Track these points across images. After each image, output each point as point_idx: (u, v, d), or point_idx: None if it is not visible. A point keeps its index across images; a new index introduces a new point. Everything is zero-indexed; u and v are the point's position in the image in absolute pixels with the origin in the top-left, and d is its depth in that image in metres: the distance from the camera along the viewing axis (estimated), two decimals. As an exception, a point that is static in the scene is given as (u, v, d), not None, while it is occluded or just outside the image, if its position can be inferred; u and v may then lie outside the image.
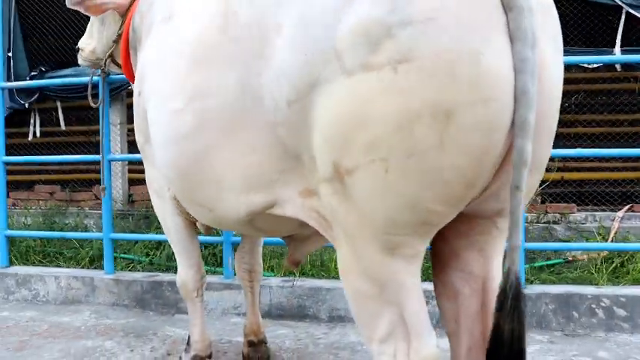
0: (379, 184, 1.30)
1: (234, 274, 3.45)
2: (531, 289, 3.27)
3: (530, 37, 1.21)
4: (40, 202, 6.68)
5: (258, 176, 1.64)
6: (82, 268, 4.40)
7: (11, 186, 5.68)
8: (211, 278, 3.67)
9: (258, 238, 2.84)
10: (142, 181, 7.01)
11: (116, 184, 6.14)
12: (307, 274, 3.89)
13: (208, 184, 1.83)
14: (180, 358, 2.72)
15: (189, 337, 2.66)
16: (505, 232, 1.48)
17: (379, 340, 1.45)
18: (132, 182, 6.85)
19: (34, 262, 4.62)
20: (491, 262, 1.54)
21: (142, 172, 2.58)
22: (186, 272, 2.54)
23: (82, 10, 2.65)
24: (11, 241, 4.49)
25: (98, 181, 4.53)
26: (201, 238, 3.07)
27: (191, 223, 2.47)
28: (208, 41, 1.72)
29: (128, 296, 3.84)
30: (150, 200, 2.53)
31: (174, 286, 3.52)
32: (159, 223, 2.63)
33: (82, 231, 5.32)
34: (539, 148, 1.35)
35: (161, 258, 4.39)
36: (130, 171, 6.64)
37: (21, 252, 4.71)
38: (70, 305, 3.94)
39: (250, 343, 2.82)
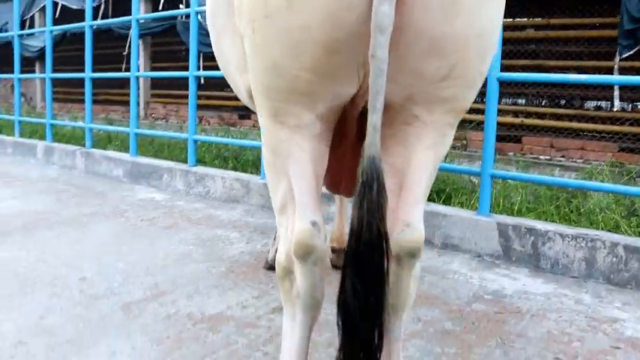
0: (251, 47, 1.32)
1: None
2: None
3: None
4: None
5: (240, 57, 1.72)
6: (245, 172, 4.86)
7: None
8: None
9: None
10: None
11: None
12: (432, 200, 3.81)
13: (227, 65, 1.94)
14: None
15: None
16: (436, 124, 1.37)
17: (278, 211, 1.47)
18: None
19: (215, 164, 5.24)
20: (412, 156, 1.41)
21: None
22: None
23: None
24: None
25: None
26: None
27: None
28: None
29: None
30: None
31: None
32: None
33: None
34: (431, 21, 1.18)
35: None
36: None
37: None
38: (230, 203, 4.45)
39: (333, 250, 2.92)
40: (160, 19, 9.48)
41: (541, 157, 7.24)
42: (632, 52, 6.63)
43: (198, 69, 4.98)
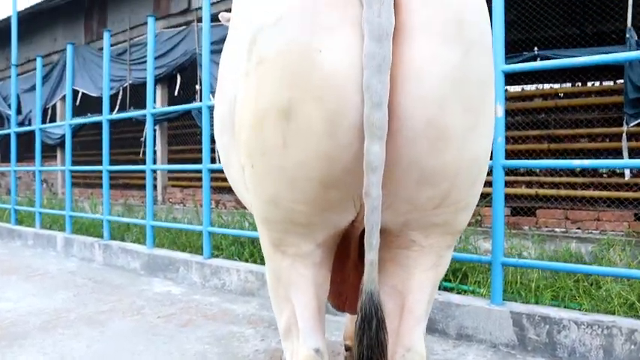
0: (251, 180, 1.40)
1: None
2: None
3: (374, 30, 1.15)
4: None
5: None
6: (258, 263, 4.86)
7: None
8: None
9: None
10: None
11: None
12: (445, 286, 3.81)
13: (235, 183, 2.01)
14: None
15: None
16: (434, 247, 1.43)
17: (282, 336, 1.52)
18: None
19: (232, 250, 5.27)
20: (411, 277, 1.47)
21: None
22: None
23: None
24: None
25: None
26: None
27: None
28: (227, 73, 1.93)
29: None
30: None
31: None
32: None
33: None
34: (420, 156, 1.25)
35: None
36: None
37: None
38: (245, 296, 4.47)
39: (347, 348, 2.92)
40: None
41: (556, 229, 7.22)
42: (639, 121, 6.70)
43: (212, 153, 5.11)
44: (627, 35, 6.19)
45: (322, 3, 1.21)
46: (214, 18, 4.41)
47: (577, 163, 3.37)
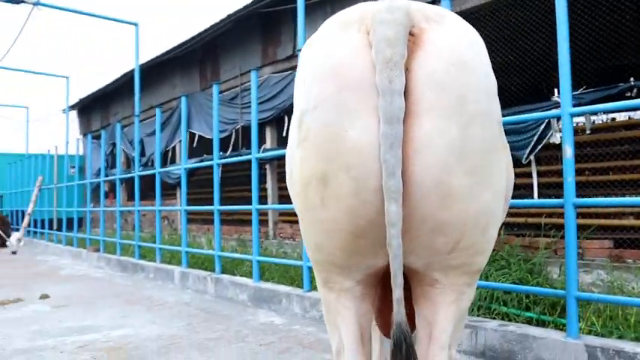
0: (301, 229, 1.76)
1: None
2: None
3: (387, 115, 1.45)
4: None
5: None
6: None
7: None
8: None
9: None
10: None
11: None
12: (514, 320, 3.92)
13: None
14: None
15: None
16: (454, 285, 1.69)
17: (334, 358, 1.82)
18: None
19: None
20: (438, 311, 1.73)
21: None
22: None
23: None
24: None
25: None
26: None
27: None
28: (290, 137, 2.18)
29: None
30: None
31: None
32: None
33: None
34: (432, 210, 1.52)
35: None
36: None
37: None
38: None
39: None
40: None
41: (665, 264, 6.95)
42: None
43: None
44: None
45: (349, 93, 1.52)
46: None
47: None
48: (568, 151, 3.42)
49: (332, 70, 1.55)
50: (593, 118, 7.78)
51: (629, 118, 8.06)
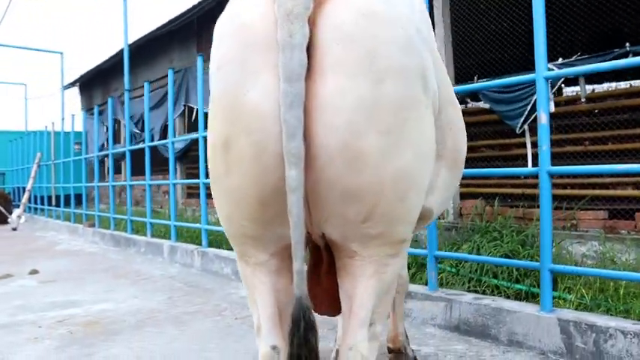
0: (214, 202, 1.66)
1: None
2: None
3: (287, 72, 1.35)
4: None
5: None
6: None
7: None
8: (416, 287, 3.98)
9: None
10: (470, 195, 7.42)
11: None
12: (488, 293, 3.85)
13: None
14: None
15: None
16: (373, 257, 1.59)
17: (255, 333, 1.74)
18: (462, 196, 7.34)
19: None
20: (357, 285, 1.61)
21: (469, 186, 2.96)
22: None
23: None
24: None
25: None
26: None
27: None
28: None
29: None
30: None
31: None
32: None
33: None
34: (339, 176, 1.41)
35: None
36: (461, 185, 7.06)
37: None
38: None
39: (389, 350, 3.07)
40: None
41: (658, 234, 6.84)
42: None
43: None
44: None
45: (252, 52, 1.42)
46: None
47: (622, 167, 3.27)
48: (543, 118, 3.30)
49: (237, 29, 1.46)
50: (593, 86, 7.58)
51: (630, 85, 7.86)
